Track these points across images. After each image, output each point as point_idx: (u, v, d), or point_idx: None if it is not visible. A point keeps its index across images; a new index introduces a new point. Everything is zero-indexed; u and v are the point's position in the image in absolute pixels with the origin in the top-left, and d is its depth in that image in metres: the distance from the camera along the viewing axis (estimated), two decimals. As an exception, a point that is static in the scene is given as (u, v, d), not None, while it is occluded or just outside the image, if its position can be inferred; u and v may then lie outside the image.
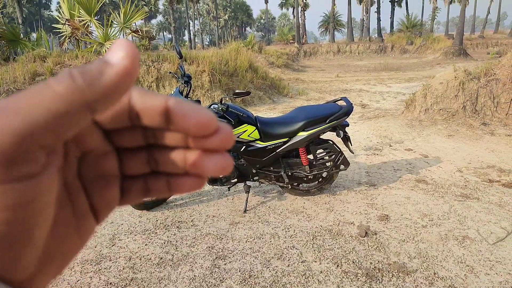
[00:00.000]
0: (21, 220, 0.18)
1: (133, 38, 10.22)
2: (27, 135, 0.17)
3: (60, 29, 8.54)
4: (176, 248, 2.73)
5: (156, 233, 2.97)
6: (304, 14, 34.97)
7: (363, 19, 37.65)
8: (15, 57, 9.11)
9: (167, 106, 0.21)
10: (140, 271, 2.48)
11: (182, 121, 0.21)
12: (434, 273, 2.37)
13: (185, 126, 0.22)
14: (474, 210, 3.22)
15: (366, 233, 2.87)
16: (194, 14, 52.21)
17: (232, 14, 57.65)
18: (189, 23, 49.19)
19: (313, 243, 2.76)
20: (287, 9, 54.56)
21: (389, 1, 38.46)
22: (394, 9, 38.40)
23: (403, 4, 40.24)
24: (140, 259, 2.61)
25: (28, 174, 0.17)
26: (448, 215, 3.14)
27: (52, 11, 61.43)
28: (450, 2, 41.07)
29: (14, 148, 0.16)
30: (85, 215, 0.23)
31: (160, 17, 64.29)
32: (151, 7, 46.37)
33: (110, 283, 2.36)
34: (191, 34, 48.78)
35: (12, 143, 0.16)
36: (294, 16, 33.42)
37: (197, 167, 0.23)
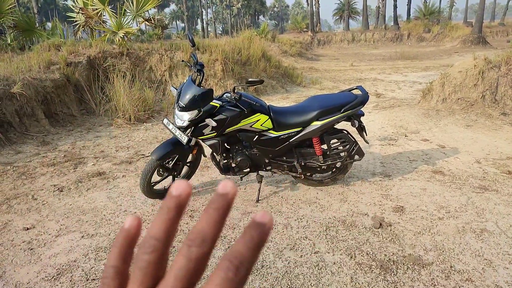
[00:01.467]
0: None
1: (146, 27, 10.18)
2: None
3: (74, 18, 8.57)
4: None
5: None
6: (318, 2, 34.38)
7: (379, 6, 36.79)
8: (30, 46, 9.21)
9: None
10: (153, 259, 2.48)
11: None
12: (451, 266, 2.32)
13: None
14: (493, 202, 3.13)
15: (380, 224, 2.82)
16: (207, 3, 51.88)
17: (245, 2, 57.05)
18: (202, 11, 48.92)
19: (326, 234, 2.73)
20: (301, -4, 53.68)
21: (406, -12, 37.45)
22: (411, -4, 37.37)
23: (421, -10, 39.16)
24: (153, 247, 2.62)
25: None
26: (465, 207, 3.06)
27: (66, 0, 61.83)
28: (470, -12, 39.79)
29: None
30: None
31: (173, 6, 64.05)
32: (164, -4, 46.17)
33: (124, 271, 2.37)
34: (204, 22, 48.53)
35: None
36: (308, 4, 32.85)
37: None
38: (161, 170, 3.21)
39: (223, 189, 0.25)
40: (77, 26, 8.39)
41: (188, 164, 3.41)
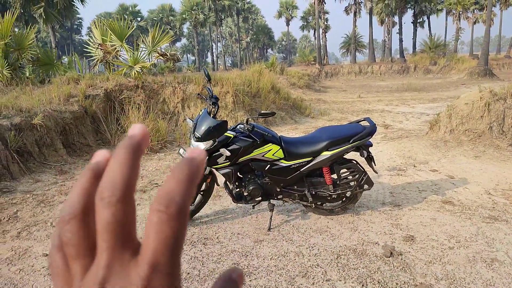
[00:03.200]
0: None
1: (158, 60, 10.60)
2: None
3: (90, 52, 9.00)
4: (202, 264, 2.80)
5: (183, 249, 3.05)
6: (325, 35, 35.38)
7: (385, 40, 37.70)
8: (49, 80, 9.63)
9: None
10: (168, 285, 2.55)
11: None
12: (462, 295, 2.34)
13: None
14: (503, 232, 3.16)
15: (391, 253, 2.86)
16: (217, 37, 53.65)
17: (254, 36, 58.85)
18: (212, 45, 50.50)
19: (338, 262, 2.78)
20: (308, 31, 55.31)
21: (411, 22, 38.44)
22: (416, 30, 38.29)
23: (426, 25, 40.10)
24: (168, 274, 2.68)
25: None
26: (475, 237, 3.09)
27: (82, 36, 64.41)
28: (474, 22, 40.63)
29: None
30: None
31: (184, 40, 66.31)
32: (176, 31, 47.96)
33: (140, 296, 2.43)
34: (214, 56, 49.97)
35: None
36: (315, 38, 33.85)
37: None
38: (175, 198, 3.31)
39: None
40: (95, 60, 8.80)
41: (201, 193, 3.51)
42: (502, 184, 4.35)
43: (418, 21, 38.82)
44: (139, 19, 51.54)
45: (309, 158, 3.30)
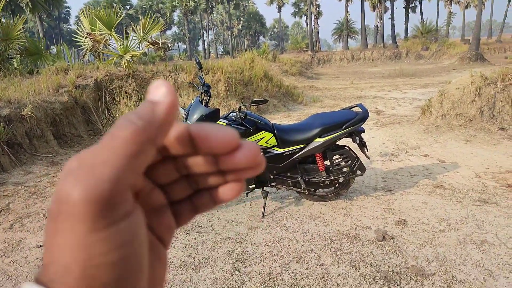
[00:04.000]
0: (132, 255, 0.21)
1: (149, 49, 10.48)
2: (118, 179, 0.19)
3: (79, 42, 8.85)
4: (197, 252, 2.82)
5: (177, 237, 3.07)
6: (317, 22, 35.14)
7: (377, 25, 37.57)
8: (38, 70, 9.47)
9: (189, 132, 0.24)
10: (163, 274, 2.56)
11: (205, 143, 0.24)
12: (453, 277, 2.39)
13: (209, 146, 0.24)
14: (493, 214, 3.21)
15: (383, 237, 2.90)
16: (208, 25, 53.01)
17: (246, 23, 58.27)
18: (203, 33, 49.94)
19: (331, 247, 2.81)
20: (300, 17, 54.91)
21: (403, 7, 38.31)
22: (408, 15, 38.19)
23: (418, 10, 40.01)
24: (163, 262, 2.70)
25: (126, 212, 0.20)
26: (466, 220, 3.14)
27: (70, 25, 63.24)
28: (466, 7, 40.62)
29: (113, 193, 0.19)
30: (156, 244, 0.26)
31: (175, 28, 65.49)
32: (166, 19, 47.30)
33: (135, 285, 2.45)
34: (205, 44, 49.47)
35: (111, 189, 0.19)
36: (307, 25, 33.60)
37: (233, 174, 0.26)
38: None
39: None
40: (85, 50, 8.66)
41: (195, 182, 3.51)
42: (492, 168, 4.41)
43: (410, 6, 38.70)
44: (128, 7, 50.69)
45: (302, 145, 3.30)
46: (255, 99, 3.02)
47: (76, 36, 9.01)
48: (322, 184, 3.45)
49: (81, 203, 0.19)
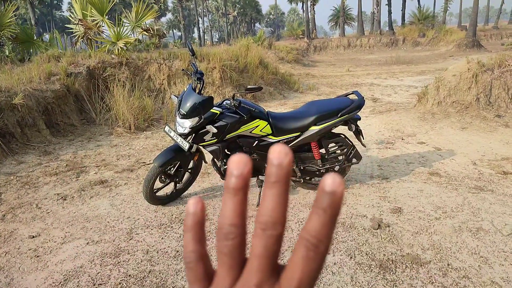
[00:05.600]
0: None
1: (143, 36, 10.32)
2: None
3: (72, 29, 8.67)
4: None
5: (171, 227, 3.04)
6: (313, 8, 34.74)
7: (373, 12, 37.17)
8: (29, 58, 9.30)
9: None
10: (157, 264, 2.54)
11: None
12: (448, 264, 2.39)
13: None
14: (488, 202, 3.21)
15: (379, 225, 2.89)
16: (203, 11, 52.29)
17: (241, 10, 57.53)
18: (198, 20, 49.29)
19: (326, 236, 2.79)
20: (296, 4, 54.21)
21: (400, -7, 37.88)
22: (405, 1, 37.78)
23: (415, -4, 39.54)
24: (157, 252, 2.68)
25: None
26: (461, 207, 3.13)
27: (63, 12, 62.18)
28: (463, -7, 40.24)
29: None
30: None
31: (169, 15, 64.51)
32: (160, 5, 46.56)
33: (129, 275, 2.43)
34: (201, 31, 48.88)
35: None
36: (303, 11, 33.23)
37: None
38: (163, 176, 3.28)
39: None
40: (76, 37, 8.50)
41: (189, 171, 3.47)
42: (488, 155, 4.40)
43: (407, -8, 38.23)
44: (121, -7, 49.75)
45: (297, 133, 3.26)
46: (249, 87, 2.96)
47: (68, 23, 8.82)
48: (317, 173, 3.43)
49: None
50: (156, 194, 3.33)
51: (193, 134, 3.07)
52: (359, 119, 3.47)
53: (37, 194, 3.78)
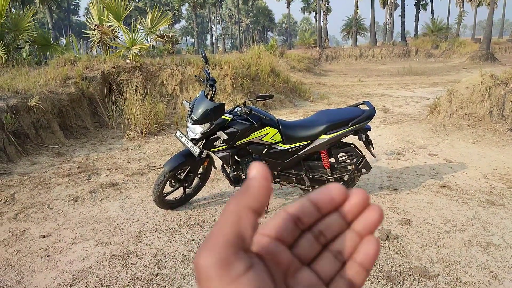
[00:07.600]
0: None
1: (157, 42, 10.47)
2: (228, 244, 0.25)
3: (88, 34, 8.86)
4: (199, 247, 2.81)
5: (180, 231, 3.06)
6: (326, 18, 34.87)
7: (386, 22, 37.14)
8: (46, 61, 9.51)
9: (311, 200, 0.30)
10: (165, 267, 2.57)
11: (325, 202, 0.30)
12: (457, 278, 2.36)
13: (329, 203, 0.30)
14: (499, 216, 3.17)
15: (387, 236, 2.87)
16: (217, 19, 52.87)
17: (254, 18, 58.02)
18: (212, 27, 49.83)
19: (334, 245, 2.78)
20: (309, 13, 54.46)
21: (414, 5, 37.84)
22: (419, 13, 37.73)
23: (428, 7, 39.51)
24: (165, 256, 2.70)
25: (246, 268, 0.25)
26: (472, 221, 3.10)
27: (80, 17, 63.49)
28: (478, 5, 39.97)
29: (226, 255, 0.25)
30: None
31: (183, 22, 65.35)
32: (175, 12, 47.21)
33: (137, 278, 2.45)
34: (213, 38, 49.38)
35: (224, 252, 0.25)
36: (316, 20, 33.36)
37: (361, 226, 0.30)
38: (173, 181, 3.31)
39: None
40: (92, 42, 8.67)
41: (199, 176, 3.50)
42: (500, 169, 4.34)
43: (421, 3, 38.21)
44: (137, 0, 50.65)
45: (307, 142, 3.27)
46: (260, 94, 2.99)
47: (85, 28, 9.02)
48: (326, 182, 3.42)
49: (204, 268, 0.25)
50: (166, 198, 3.37)
51: (204, 140, 3.11)
52: (370, 129, 3.47)
53: (49, 194, 3.85)
